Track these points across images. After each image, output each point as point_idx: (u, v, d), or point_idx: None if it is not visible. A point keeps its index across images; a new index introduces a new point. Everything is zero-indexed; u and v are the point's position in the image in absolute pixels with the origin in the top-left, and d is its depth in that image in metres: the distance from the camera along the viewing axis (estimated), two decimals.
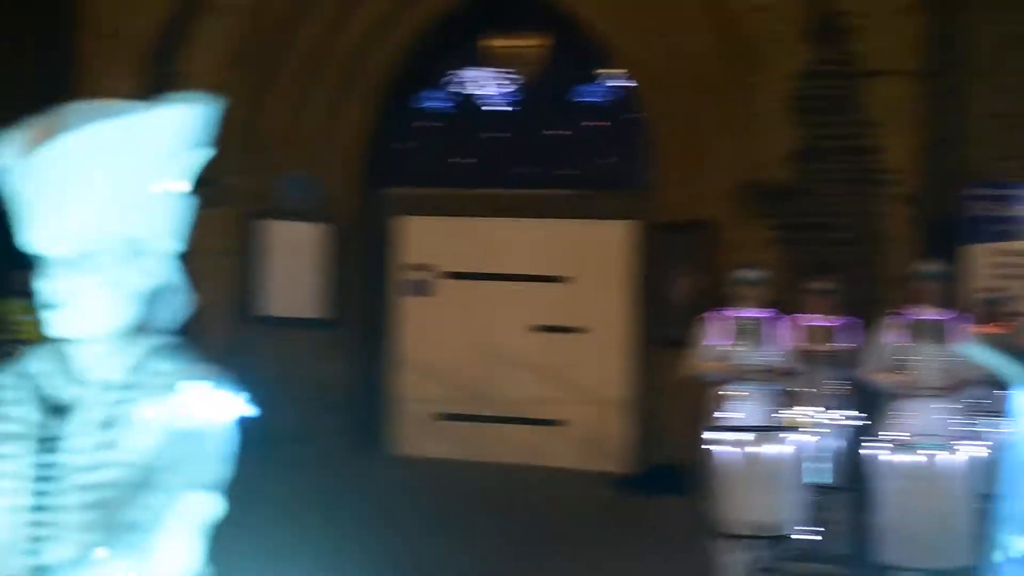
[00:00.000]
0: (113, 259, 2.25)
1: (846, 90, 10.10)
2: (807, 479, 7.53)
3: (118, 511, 2.15)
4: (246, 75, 11.41)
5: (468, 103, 12.11)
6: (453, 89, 12.14)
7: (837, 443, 8.15)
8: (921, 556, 6.86)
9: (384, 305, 12.10)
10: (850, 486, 7.94)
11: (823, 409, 8.05)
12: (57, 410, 2.27)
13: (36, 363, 2.34)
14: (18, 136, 2.24)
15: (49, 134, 2.21)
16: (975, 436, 6.99)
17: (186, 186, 2.35)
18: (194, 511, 2.19)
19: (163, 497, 2.14)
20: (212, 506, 2.23)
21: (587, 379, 11.49)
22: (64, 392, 2.28)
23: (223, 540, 2.42)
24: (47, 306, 2.27)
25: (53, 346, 2.33)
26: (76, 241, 2.23)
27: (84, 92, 11.39)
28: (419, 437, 11.81)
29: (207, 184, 2.35)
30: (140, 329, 2.31)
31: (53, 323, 2.27)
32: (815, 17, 10.14)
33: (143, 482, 2.16)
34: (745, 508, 7.17)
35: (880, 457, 7.03)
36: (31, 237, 2.27)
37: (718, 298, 8.21)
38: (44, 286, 2.27)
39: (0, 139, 2.25)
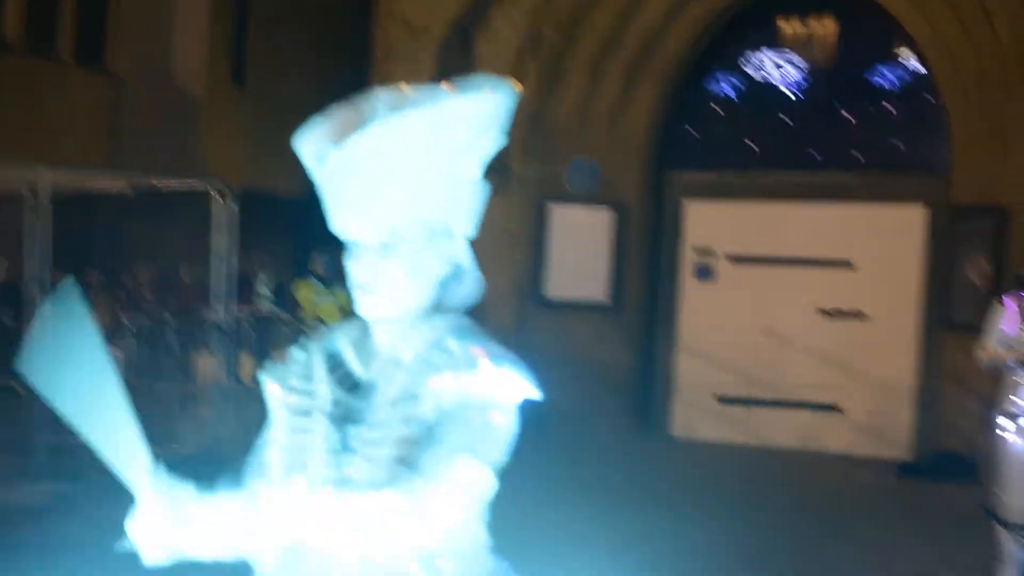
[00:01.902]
0: (417, 245, 2.32)
1: None
2: None
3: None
4: (538, 63, 11.66)
5: (758, 85, 12.01)
6: (744, 72, 12.07)
7: None
8: None
9: (666, 289, 12.14)
10: None
11: None
12: (353, 386, 2.36)
13: (334, 341, 2.43)
14: (325, 125, 2.31)
15: (357, 123, 2.26)
16: None
17: (481, 172, 2.40)
18: (468, 477, 2.21)
19: (441, 450, 2.19)
20: (487, 482, 2.25)
21: (871, 365, 11.23)
22: (360, 369, 2.37)
23: (503, 515, 2.49)
24: (357, 289, 2.34)
25: (352, 325, 2.42)
26: (385, 228, 2.30)
27: (381, 80, 11.93)
28: (698, 420, 11.81)
29: (496, 170, 2.43)
30: (435, 310, 2.37)
31: (362, 305, 2.35)
32: None
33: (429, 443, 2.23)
34: None
35: None
36: (340, 224, 2.34)
37: (1013, 283, 7.89)
38: (354, 270, 2.34)
39: (308, 128, 2.32)
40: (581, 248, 11.87)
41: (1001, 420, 7.00)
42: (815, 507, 8.98)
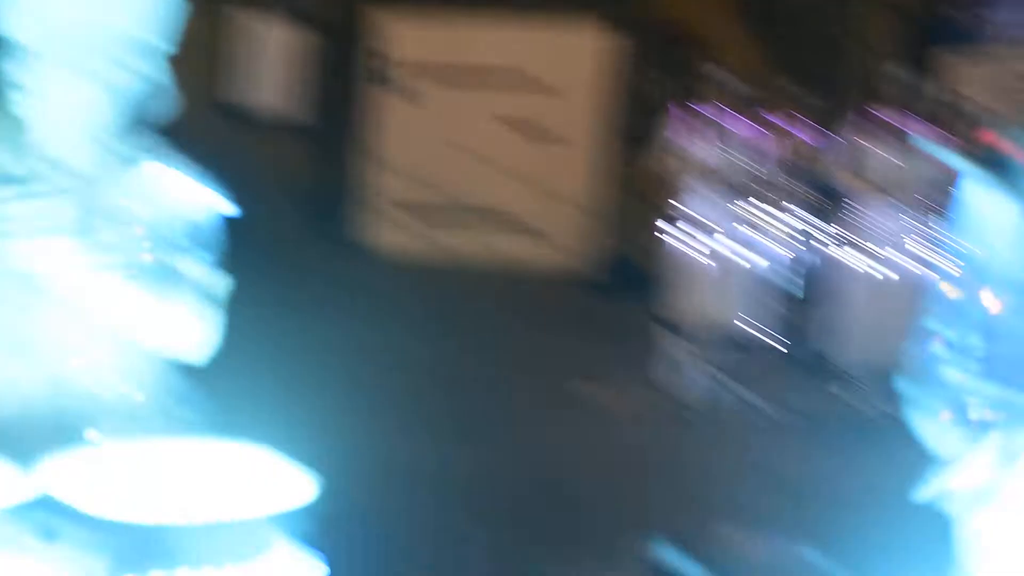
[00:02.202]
0: (94, 53, 2.10)
1: None
2: (771, 284, 7.60)
3: None
4: None
5: None
6: None
7: (804, 252, 8.11)
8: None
9: (361, 103, 12.01)
10: (813, 295, 7.98)
11: (791, 216, 8.01)
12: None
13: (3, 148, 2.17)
14: None
15: None
16: None
17: None
18: (196, 278, 2.19)
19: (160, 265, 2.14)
20: (215, 280, 2.23)
21: (558, 181, 11.49)
22: (34, 183, 2.11)
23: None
24: (18, 95, 2.13)
25: (23, 134, 2.17)
26: (54, 30, 2.07)
27: None
28: (392, 238, 11.81)
29: None
30: (125, 126, 2.21)
31: (25, 112, 2.14)
32: None
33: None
34: (702, 306, 7.25)
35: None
36: (5, 22, 2.10)
37: (691, 99, 8.12)
38: (16, 74, 2.12)
39: None
40: (276, 62, 11.66)
41: (665, 225, 7.35)
42: (503, 325, 9.13)
